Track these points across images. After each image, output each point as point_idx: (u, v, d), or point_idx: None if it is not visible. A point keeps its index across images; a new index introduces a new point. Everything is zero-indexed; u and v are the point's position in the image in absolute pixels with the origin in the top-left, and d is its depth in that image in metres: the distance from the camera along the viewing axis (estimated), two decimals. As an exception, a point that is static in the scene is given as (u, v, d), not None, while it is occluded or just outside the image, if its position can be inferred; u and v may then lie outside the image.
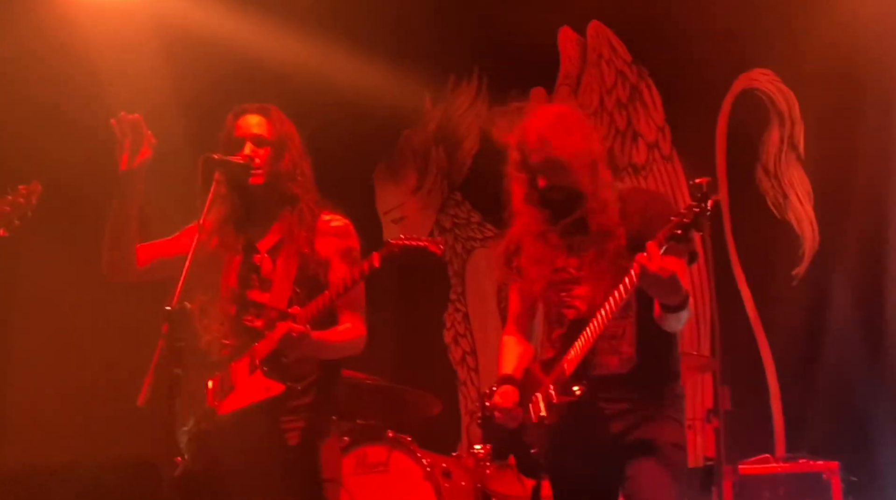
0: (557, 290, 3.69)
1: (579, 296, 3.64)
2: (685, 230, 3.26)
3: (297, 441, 3.72)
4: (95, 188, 6.72)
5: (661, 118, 7.00)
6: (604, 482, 3.63)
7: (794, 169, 6.43)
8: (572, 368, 3.54)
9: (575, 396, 3.52)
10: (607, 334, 3.54)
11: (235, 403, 3.70)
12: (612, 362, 3.58)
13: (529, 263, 3.72)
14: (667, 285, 3.32)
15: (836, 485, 5.27)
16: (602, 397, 3.56)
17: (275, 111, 3.97)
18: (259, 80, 6.73)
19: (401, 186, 7.99)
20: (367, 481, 5.35)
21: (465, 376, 7.49)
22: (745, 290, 6.45)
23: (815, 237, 6.30)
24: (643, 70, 7.09)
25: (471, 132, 7.79)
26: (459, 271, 7.68)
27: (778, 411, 6.23)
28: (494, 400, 3.67)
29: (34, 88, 6.70)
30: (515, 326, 3.92)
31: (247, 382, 3.69)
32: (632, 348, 3.58)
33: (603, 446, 3.57)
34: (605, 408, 3.57)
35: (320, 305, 3.61)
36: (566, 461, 3.65)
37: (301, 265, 3.80)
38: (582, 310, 3.60)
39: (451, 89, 7.87)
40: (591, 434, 3.58)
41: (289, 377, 3.67)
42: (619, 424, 3.57)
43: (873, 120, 6.10)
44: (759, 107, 6.57)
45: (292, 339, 3.56)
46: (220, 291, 3.84)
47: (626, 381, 3.57)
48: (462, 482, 5.35)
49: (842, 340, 6.01)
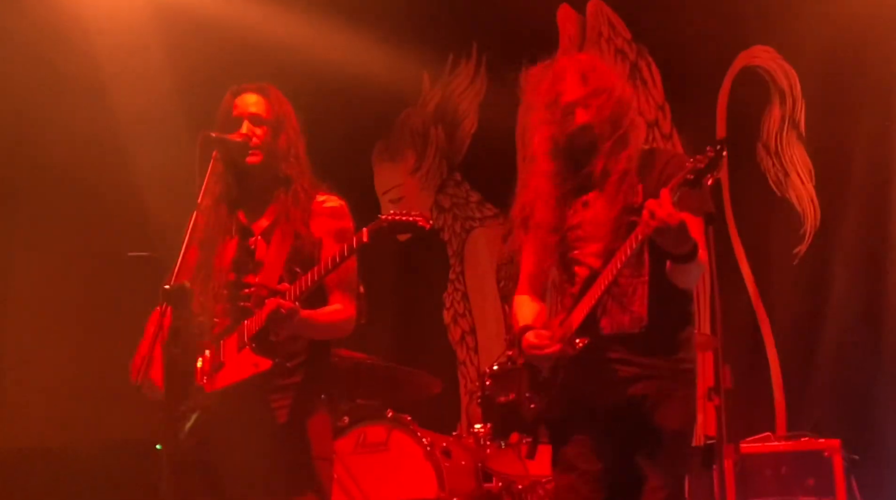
0: (570, 248, 3.67)
1: (592, 253, 3.62)
2: (698, 176, 3.23)
3: (286, 419, 3.71)
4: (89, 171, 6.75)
5: (660, 96, 6.97)
6: (605, 442, 3.59)
7: (795, 147, 6.40)
8: (579, 321, 3.51)
9: (577, 347, 3.50)
10: (619, 292, 3.53)
11: (224, 380, 3.69)
12: (623, 320, 3.56)
13: (543, 222, 3.70)
14: (675, 233, 3.30)
15: (837, 463, 5.27)
16: (614, 358, 3.55)
17: (273, 91, 3.96)
18: (257, 60, 6.70)
19: (399, 167, 7.96)
20: (367, 460, 5.34)
21: (464, 356, 7.48)
22: (745, 268, 6.43)
23: (817, 216, 6.28)
24: (643, 48, 7.05)
25: (470, 112, 7.75)
26: (458, 250, 7.66)
27: (779, 390, 6.22)
28: (529, 341, 3.60)
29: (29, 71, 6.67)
30: (529, 286, 3.88)
31: (236, 359, 3.68)
32: (643, 307, 3.55)
33: (611, 408, 3.55)
34: (619, 370, 3.54)
35: (309, 281, 3.60)
36: (570, 418, 3.61)
37: (294, 246, 3.79)
38: (595, 267, 3.57)
39: (450, 69, 7.83)
40: (600, 394, 3.55)
41: (277, 354, 3.66)
42: (631, 389, 3.53)
43: (875, 98, 6.08)
44: (760, 84, 6.53)
45: (281, 315, 3.55)
46: (214, 271, 3.82)
47: (637, 343, 3.55)
48: (462, 462, 5.34)
49: (843, 318, 6.00)
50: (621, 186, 3.58)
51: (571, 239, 3.68)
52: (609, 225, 3.57)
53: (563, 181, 3.71)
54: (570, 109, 3.65)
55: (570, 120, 3.65)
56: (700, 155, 3.26)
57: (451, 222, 7.70)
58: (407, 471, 5.23)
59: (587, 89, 3.64)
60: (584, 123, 3.63)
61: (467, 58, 7.77)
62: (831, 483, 5.25)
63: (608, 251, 3.53)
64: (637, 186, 3.59)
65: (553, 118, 3.69)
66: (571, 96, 3.65)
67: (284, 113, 3.92)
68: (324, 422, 3.84)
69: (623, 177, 3.59)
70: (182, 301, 3.39)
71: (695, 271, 3.50)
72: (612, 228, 3.56)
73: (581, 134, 3.64)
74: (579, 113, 3.64)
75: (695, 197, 3.34)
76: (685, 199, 3.30)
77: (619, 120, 3.66)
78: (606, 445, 3.58)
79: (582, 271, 3.63)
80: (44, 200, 6.79)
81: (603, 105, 3.63)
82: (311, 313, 3.69)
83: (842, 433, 5.41)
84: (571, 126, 3.65)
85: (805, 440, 5.42)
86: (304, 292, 3.59)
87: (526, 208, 3.80)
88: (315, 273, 3.59)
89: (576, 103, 3.64)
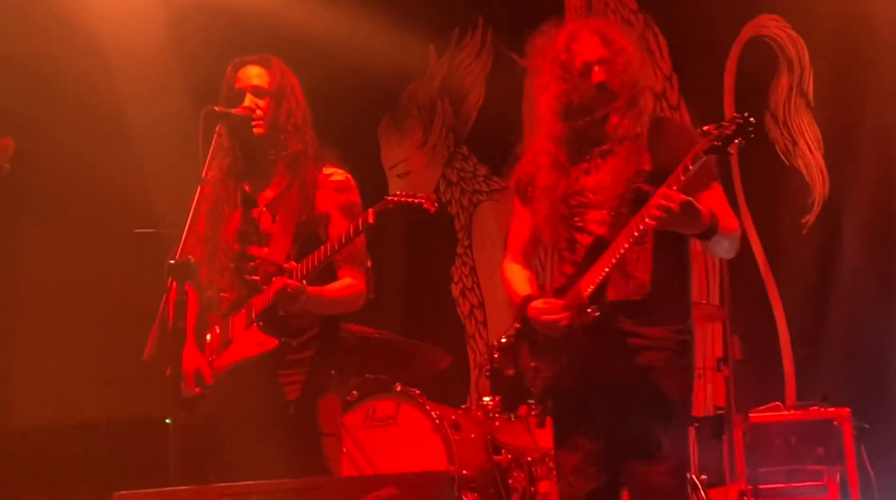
0: (571, 214, 3.63)
1: (594, 220, 3.58)
2: (725, 142, 3.19)
3: (296, 396, 3.72)
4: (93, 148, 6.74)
5: (668, 67, 6.93)
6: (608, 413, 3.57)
7: (804, 116, 6.37)
8: (590, 289, 3.47)
9: (591, 316, 3.46)
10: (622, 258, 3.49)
11: (231, 356, 3.70)
12: (627, 287, 3.53)
13: (544, 189, 3.65)
14: (682, 217, 3.28)
15: (847, 432, 5.27)
16: (620, 329, 3.52)
17: (275, 62, 3.94)
18: (262, 35, 6.66)
19: (406, 141, 7.95)
20: (376, 434, 5.35)
21: (473, 329, 7.48)
22: (754, 238, 6.41)
23: (825, 185, 6.26)
24: (649, 18, 7.02)
25: (476, 85, 7.73)
26: (466, 224, 7.65)
27: (789, 360, 6.21)
28: (539, 308, 3.56)
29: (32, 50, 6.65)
30: (521, 253, 3.85)
31: (243, 336, 3.69)
32: (647, 274, 3.53)
33: (615, 378, 3.52)
34: (624, 340, 3.52)
35: (316, 260, 3.60)
36: (574, 389, 3.59)
37: (300, 220, 3.78)
38: (598, 235, 3.54)
39: (456, 42, 7.80)
40: (604, 364, 3.52)
41: (285, 333, 3.67)
42: (636, 359, 3.51)
43: (884, 66, 6.04)
44: (768, 53, 6.50)
45: (287, 295, 3.55)
46: (220, 244, 3.82)
47: (640, 310, 3.52)
48: (471, 435, 5.34)
49: (852, 288, 5.98)
50: (631, 150, 3.55)
51: (573, 205, 3.63)
52: (615, 191, 3.53)
53: (569, 145, 3.66)
54: (588, 67, 3.60)
55: (587, 78, 3.60)
56: (728, 121, 3.22)
57: (458, 196, 7.68)
58: (416, 444, 5.24)
59: (606, 50, 3.61)
60: (602, 82, 3.59)
61: (473, 31, 7.74)
62: (841, 452, 5.25)
63: (614, 219, 3.51)
64: (645, 154, 3.55)
65: (567, 76, 3.63)
66: (590, 55, 3.61)
67: (287, 84, 3.90)
68: (333, 398, 3.85)
69: (634, 141, 3.56)
70: (187, 275, 3.39)
71: (724, 243, 3.48)
72: (618, 195, 3.52)
73: (598, 92, 3.59)
74: (597, 71, 3.59)
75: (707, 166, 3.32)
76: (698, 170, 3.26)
77: (634, 84, 3.63)
78: (611, 418, 3.56)
79: (584, 239, 3.59)
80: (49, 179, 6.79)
81: (621, 66, 3.60)
82: (320, 290, 3.69)
83: (851, 402, 5.41)
84: (588, 84, 3.60)
85: (814, 410, 5.41)
86: (310, 271, 3.59)
87: (528, 172, 3.76)
88: (321, 253, 3.59)
89: (595, 62, 3.60)
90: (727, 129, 3.20)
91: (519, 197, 3.82)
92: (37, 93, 6.67)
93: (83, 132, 6.68)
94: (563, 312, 3.51)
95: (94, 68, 6.65)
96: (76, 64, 6.62)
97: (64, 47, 6.67)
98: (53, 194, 6.50)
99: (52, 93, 6.70)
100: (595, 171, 3.62)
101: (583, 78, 3.61)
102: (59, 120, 6.56)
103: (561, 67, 3.65)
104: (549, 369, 3.62)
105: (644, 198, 3.45)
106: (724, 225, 3.43)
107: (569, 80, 3.63)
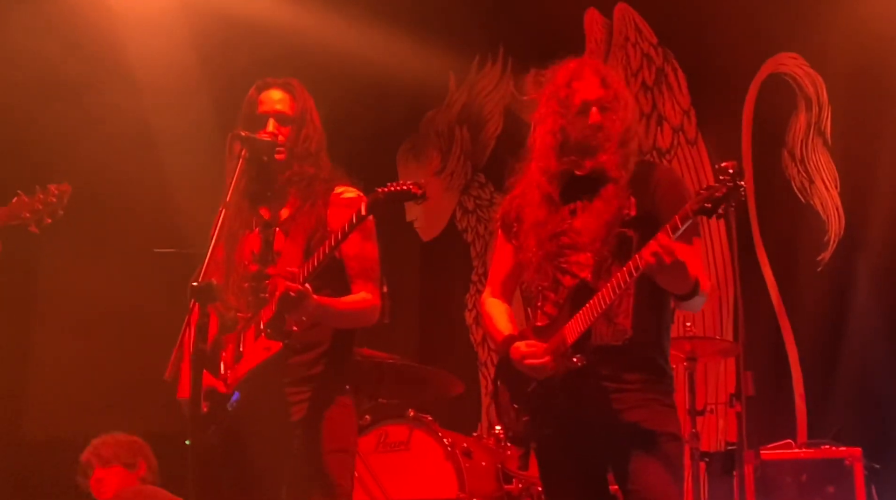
0: (555, 254, 3.60)
1: (577, 263, 3.56)
2: (715, 205, 3.17)
3: (303, 415, 3.71)
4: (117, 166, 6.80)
5: (686, 102, 6.96)
6: (593, 459, 3.57)
7: (821, 154, 6.38)
8: (574, 337, 3.45)
9: (576, 365, 3.44)
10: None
11: (243, 369, 3.70)
12: (606, 332, 3.50)
13: (534, 225, 3.63)
14: (672, 272, 3.27)
15: (858, 472, 5.25)
16: (598, 373, 3.49)
17: (297, 86, 3.96)
18: (285, 58, 6.71)
19: (424, 167, 7.98)
20: (388, 459, 5.36)
21: (485, 356, 7.49)
22: (769, 275, 6.41)
23: (841, 223, 6.26)
24: (669, 53, 7.05)
25: (495, 114, 7.77)
26: (482, 252, 7.67)
27: (801, 397, 6.20)
28: (522, 351, 3.54)
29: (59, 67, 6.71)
30: (501, 288, 3.83)
31: (252, 347, 3.69)
32: (628, 320, 3.51)
33: (597, 423, 3.51)
34: (603, 385, 3.50)
35: (316, 261, 3.59)
36: (556, 433, 3.57)
37: (311, 237, 3.80)
38: (581, 277, 3.53)
39: (476, 70, 7.85)
40: (586, 409, 3.51)
41: (289, 338, 3.64)
42: (617, 403, 3.49)
43: (902, 106, 6.06)
44: (787, 91, 6.52)
45: (290, 298, 3.53)
46: (235, 265, 3.85)
47: (620, 355, 3.50)
48: (483, 462, 5.35)
49: (866, 327, 5.98)
50: (618, 194, 3.53)
51: (559, 245, 3.60)
52: (599, 235, 3.51)
53: (561, 182, 3.64)
54: (587, 107, 3.59)
55: (584, 119, 3.59)
56: (717, 182, 3.18)
57: (474, 224, 7.71)
58: (427, 471, 5.25)
59: (606, 93, 3.61)
60: (598, 123, 3.58)
61: (493, 59, 7.79)
62: (852, 492, 5.23)
63: (597, 262, 3.50)
64: (631, 199, 3.53)
65: (564, 112, 3.62)
66: (589, 95, 3.60)
67: (307, 108, 3.92)
68: (346, 413, 3.82)
69: (621, 186, 3.53)
70: (210, 298, 3.41)
71: (697, 302, 3.47)
72: (601, 239, 3.51)
73: (593, 134, 3.58)
74: (594, 113, 3.58)
75: (693, 226, 3.31)
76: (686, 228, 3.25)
77: (627, 129, 3.62)
78: (599, 462, 3.57)
79: (567, 281, 3.57)
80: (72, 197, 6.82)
81: (618, 112, 3.60)
82: (331, 300, 3.69)
83: (863, 442, 5.39)
84: (584, 123, 3.59)
85: (826, 448, 5.39)
86: (311, 272, 3.58)
87: (517, 205, 3.74)
88: (320, 252, 3.59)
89: (593, 103, 3.59)
90: (717, 191, 3.17)
91: (504, 231, 3.80)
92: (62, 111, 6.73)
93: (105, 148, 6.73)
94: (545, 356, 3.49)
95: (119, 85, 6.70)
96: (103, 84, 6.67)
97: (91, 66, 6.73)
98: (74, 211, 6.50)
99: (75, 110, 6.76)
100: (581, 212, 3.60)
101: (580, 117, 3.60)
102: (82, 136, 6.61)
103: (559, 104, 3.64)
104: (530, 411, 3.60)
105: (628, 243, 3.46)
106: (702, 286, 3.42)
107: (566, 117, 3.62)
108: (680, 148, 6.93)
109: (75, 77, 6.68)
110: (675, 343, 5.46)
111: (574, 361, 3.45)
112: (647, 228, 3.39)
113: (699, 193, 3.24)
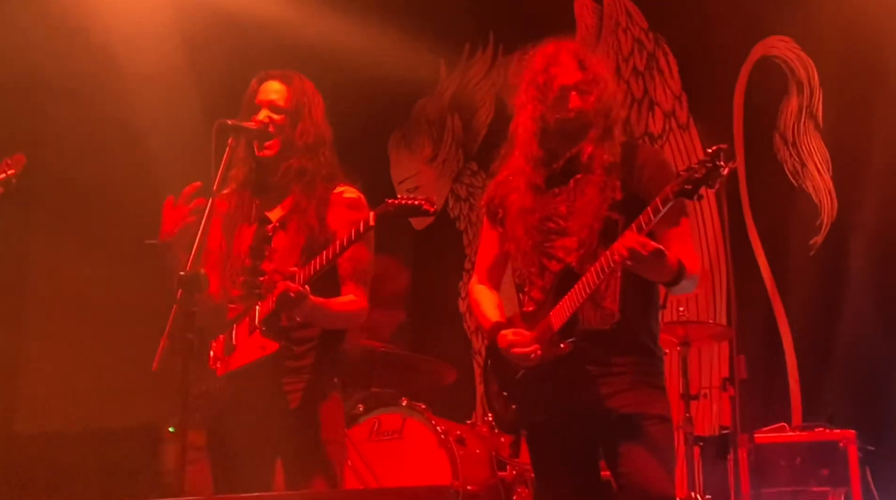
0: (541, 240, 3.59)
1: (563, 247, 3.54)
2: (695, 186, 3.16)
3: (297, 404, 3.73)
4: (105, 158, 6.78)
5: (677, 86, 6.95)
6: (584, 445, 3.57)
7: (813, 138, 6.38)
8: (560, 323, 3.44)
9: (563, 351, 3.44)
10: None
11: (235, 362, 3.71)
12: (593, 317, 3.49)
13: (520, 211, 3.62)
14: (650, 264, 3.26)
15: (852, 454, 5.25)
16: (586, 357, 3.48)
17: (297, 79, 3.95)
18: (273, 49, 6.70)
19: (416, 156, 7.97)
20: (381, 448, 5.35)
21: (479, 345, 7.48)
22: (762, 259, 6.41)
23: (833, 207, 6.26)
24: (660, 38, 7.04)
25: (486, 101, 7.76)
26: (474, 240, 7.66)
27: (794, 380, 6.20)
28: (509, 339, 3.54)
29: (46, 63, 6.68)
30: (488, 275, 3.82)
31: (246, 342, 3.70)
32: (615, 303, 3.50)
33: (587, 408, 3.50)
34: (591, 370, 3.49)
35: (318, 265, 3.60)
36: (546, 420, 3.57)
37: (309, 237, 3.80)
38: (566, 262, 3.51)
39: (467, 58, 7.83)
40: (575, 395, 3.50)
41: (287, 338, 3.67)
42: (605, 387, 3.48)
43: (893, 88, 6.04)
44: (778, 75, 6.51)
45: (289, 298, 3.55)
46: (232, 257, 3.84)
47: (608, 339, 3.49)
48: (476, 450, 5.35)
49: (859, 309, 5.98)
50: (603, 180, 3.51)
51: (545, 230, 3.59)
52: (585, 220, 3.50)
53: (545, 168, 3.63)
54: (565, 92, 3.57)
55: (564, 104, 3.57)
56: (698, 163, 3.17)
57: (467, 212, 7.70)
58: (421, 459, 5.24)
59: (584, 75, 3.58)
60: (579, 108, 3.57)
61: (484, 47, 7.77)
62: (846, 474, 5.24)
63: (583, 247, 3.48)
64: (616, 182, 3.52)
65: (543, 98, 3.60)
66: (567, 80, 3.57)
67: (306, 102, 3.90)
68: (336, 405, 3.84)
69: (606, 170, 3.52)
70: (198, 287, 3.40)
71: (687, 285, 3.45)
72: (587, 223, 3.49)
73: (574, 119, 3.57)
74: (574, 97, 3.56)
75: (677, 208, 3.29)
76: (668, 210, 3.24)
77: (609, 112, 3.60)
78: (590, 448, 3.57)
79: (553, 265, 3.55)
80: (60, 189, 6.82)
81: (598, 94, 3.58)
82: (325, 302, 3.69)
83: (857, 424, 5.40)
84: (564, 109, 3.57)
85: (820, 431, 5.40)
86: (313, 275, 3.59)
87: (502, 192, 3.72)
88: (324, 257, 3.59)
89: (572, 87, 3.57)
90: (697, 173, 3.15)
91: (489, 217, 3.79)
92: (49, 105, 6.70)
93: (94, 143, 6.71)
94: (533, 344, 3.48)
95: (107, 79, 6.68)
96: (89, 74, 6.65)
97: (76, 59, 6.70)
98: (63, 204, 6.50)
99: (65, 104, 6.73)
100: (567, 198, 3.58)
101: (559, 102, 3.58)
102: (71, 131, 6.59)
103: (538, 90, 3.62)
104: (519, 399, 3.60)
105: (614, 227, 3.45)
106: (689, 270, 3.40)
107: (545, 103, 3.60)
108: (672, 133, 6.91)
109: (62, 70, 6.65)
110: (669, 328, 5.47)
111: (561, 347, 3.45)
112: (632, 211, 3.37)
113: (679, 174, 3.23)
